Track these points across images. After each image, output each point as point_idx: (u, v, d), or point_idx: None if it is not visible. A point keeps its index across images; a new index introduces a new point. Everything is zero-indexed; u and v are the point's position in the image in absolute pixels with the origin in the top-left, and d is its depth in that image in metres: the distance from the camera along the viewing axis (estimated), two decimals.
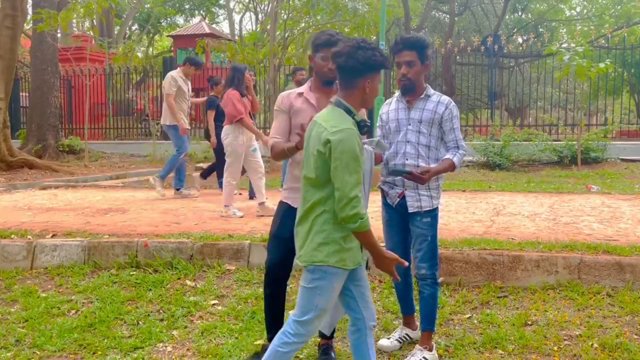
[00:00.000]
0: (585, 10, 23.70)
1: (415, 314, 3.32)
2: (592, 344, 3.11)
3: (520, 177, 9.65)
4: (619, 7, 19.84)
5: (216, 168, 7.91)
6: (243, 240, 4.57)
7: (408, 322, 3.29)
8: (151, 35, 29.77)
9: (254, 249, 4.48)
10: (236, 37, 25.76)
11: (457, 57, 16.09)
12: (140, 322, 3.58)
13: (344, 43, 2.36)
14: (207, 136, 8.03)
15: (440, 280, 4.04)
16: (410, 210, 2.99)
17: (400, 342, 3.21)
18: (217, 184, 7.90)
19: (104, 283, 4.21)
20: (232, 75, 6.23)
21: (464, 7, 21.39)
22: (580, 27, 21.65)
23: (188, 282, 4.21)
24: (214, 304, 3.84)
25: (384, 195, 3.13)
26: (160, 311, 3.75)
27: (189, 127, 7.64)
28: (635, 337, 3.19)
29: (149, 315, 3.69)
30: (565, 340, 3.19)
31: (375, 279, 4.20)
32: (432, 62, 17.34)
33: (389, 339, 3.23)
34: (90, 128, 15.23)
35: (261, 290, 4.04)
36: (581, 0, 23.75)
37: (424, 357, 2.95)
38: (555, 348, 3.10)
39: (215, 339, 3.32)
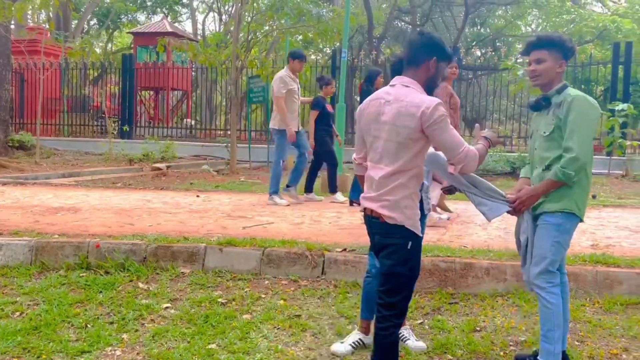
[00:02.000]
0: (540, 28, 24.61)
1: (372, 320, 3.36)
2: (535, 350, 3.22)
3: None
4: (571, 26, 20.67)
5: (310, 172, 7.42)
6: (199, 243, 4.52)
7: (365, 327, 3.32)
8: (110, 31, 29.06)
9: (210, 252, 4.44)
10: (199, 37, 25.47)
11: None
12: (88, 325, 3.48)
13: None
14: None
15: None
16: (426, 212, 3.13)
17: (353, 348, 3.24)
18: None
19: (52, 284, 4.08)
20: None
21: (426, 18, 21.82)
22: None
23: (140, 285, 4.13)
24: (166, 307, 3.78)
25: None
26: (110, 314, 3.67)
27: (299, 129, 7.06)
28: (577, 343, 3.33)
29: (98, 318, 3.59)
30: (511, 345, 3.29)
31: (331, 284, 4.23)
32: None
33: (342, 343, 3.25)
34: (42, 124, 14.73)
35: (216, 293, 4.01)
36: (536, 18, 24.65)
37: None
38: (502, 353, 3.19)
39: (166, 343, 3.27)
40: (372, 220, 2.57)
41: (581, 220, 2.85)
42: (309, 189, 7.37)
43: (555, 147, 2.82)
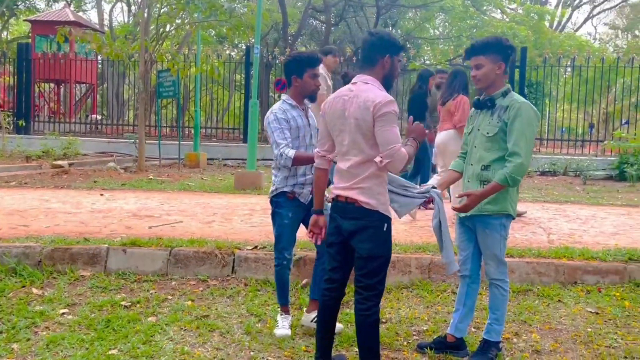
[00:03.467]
0: (446, 31, 25.82)
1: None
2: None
3: None
4: (474, 31, 21.84)
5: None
6: (100, 245, 4.30)
7: (288, 310, 3.49)
8: (6, 18, 26.85)
9: (113, 254, 4.24)
10: (106, 28, 24.20)
11: None
12: None
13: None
14: None
15: (304, 281, 4.17)
16: None
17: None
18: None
19: None
20: (464, 80, 5.86)
21: (340, 18, 22.15)
22: (442, 45, 23.51)
23: (34, 290, 3.86)
24: (63, 313, 3.56)
25: (293, 198, 3.33)
26: None
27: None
28: (474, 329, 3.53)
29: None
30: (414, 335, 3.43)
31: (241, 282, 4.19)
32: None
33: (282, 327, 3.39)
34: None
35: (119, 296, 3.84)
36: (443, 22, 25.84)
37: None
38: (405, 343, 3.32)
39: (62, 351, 3.08)
40: (348, 206, 2.70)
41: (514, 218, 3.09)
42: None
43: (497, 148, 2.97)
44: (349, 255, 2.79)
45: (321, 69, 6.78)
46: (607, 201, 7.72)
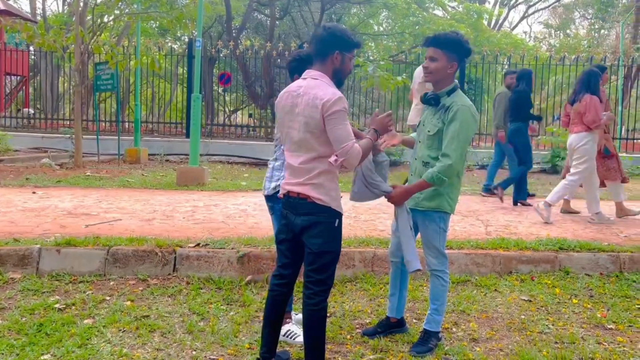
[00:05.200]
0: (390, 27, 26.18)
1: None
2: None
3: None
4: (417, 27, 22.28)
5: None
6: (31, 245, 4.10)
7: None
8: None
9: (45, 255, 4.05)
10: (39, 18, 23.01)
11: (279, 60, 16.51)
12: None
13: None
14: None
15: (248, 278, 4.14)
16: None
17: None
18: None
19: None
20: (588, 79, 5.68)
21: (285, 12, 22.03)
22: (385, 41, 23.84)
23: None
24: None
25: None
26: None
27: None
28: (415, 321, 3.61)
29: None
30: (357, 328, 3.46)
31: (183, 281, 4.10)
32: (252, 63, 17.56)
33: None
34: None
35: (52, 299, 3.67)
36: (387, 18, 26.19)
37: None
38: (348, 337, 3.35)
39: None
40: (300, 202, 2.67)
41: (452, 213, 3.16)
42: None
43: (436, 147, 3.01)
44: (300, 252, 2.78)
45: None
46: (541, 193, 8.08)
